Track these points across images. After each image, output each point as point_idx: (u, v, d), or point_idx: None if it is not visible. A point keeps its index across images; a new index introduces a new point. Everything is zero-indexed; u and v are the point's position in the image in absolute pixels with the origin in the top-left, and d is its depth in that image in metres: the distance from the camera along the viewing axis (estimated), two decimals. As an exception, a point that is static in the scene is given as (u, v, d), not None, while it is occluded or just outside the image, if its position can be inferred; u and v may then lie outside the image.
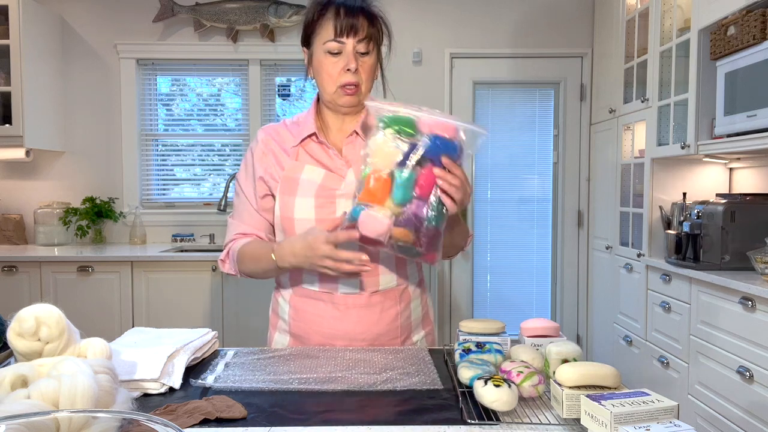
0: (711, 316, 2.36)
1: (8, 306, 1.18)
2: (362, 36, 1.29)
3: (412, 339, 1.43)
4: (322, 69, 1.33)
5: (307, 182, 1.33)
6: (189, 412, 0.90)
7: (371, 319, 1.36)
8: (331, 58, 1.30)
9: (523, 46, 3.85)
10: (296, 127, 1.41)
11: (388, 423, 0.88)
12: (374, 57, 1.34)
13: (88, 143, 3.83)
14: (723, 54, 2.40)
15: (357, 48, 1.29)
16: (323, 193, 1.31)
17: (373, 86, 1.38)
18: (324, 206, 1.31)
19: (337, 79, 1.31)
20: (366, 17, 1.30)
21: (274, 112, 3.92)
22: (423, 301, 1.48)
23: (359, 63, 1.30)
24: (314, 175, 1.33)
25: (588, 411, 0.80)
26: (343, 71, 1.30)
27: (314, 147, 1.37)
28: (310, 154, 1.37)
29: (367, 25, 1.30)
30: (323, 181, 1.32)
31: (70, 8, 3.78)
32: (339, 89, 1.32)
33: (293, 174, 1.35)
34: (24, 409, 0.71)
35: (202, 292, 3.26)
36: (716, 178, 3.01)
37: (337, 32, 1.28)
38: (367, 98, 1.36)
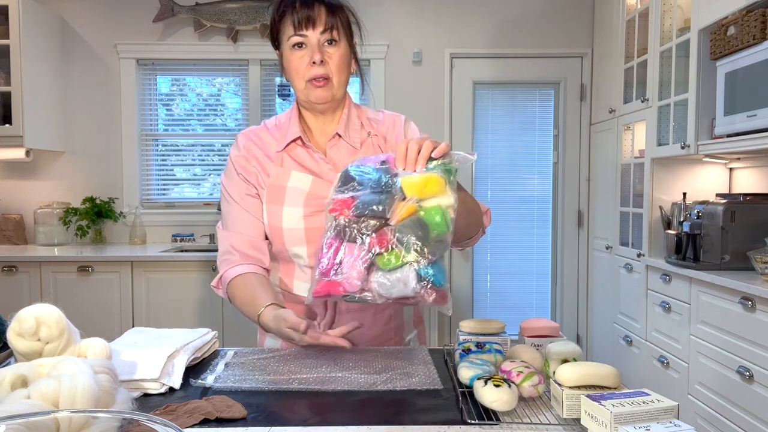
0: (711, 316, 2.36)
1: (8, 306, 1.18)
2: (323, 27, 1.26)
3: (404, 339, 1.42)
4: (290, 66, 1.30)
5: (294, 190, 1.29)
6: (189, 412, 0.90)
7: (365, 323, 1.34)
8: (296, 52, 1.28)
9: (523, 46, 3.85)
10: (278, 130, 1.36)
11: (388, 423, 0.88)
12: (344, 48, 1.30)
13: (88, 143, 3.83)
14: (723, 54, 2.40)
15: (321, 39, 1.27)
16: (312, 202, 1.28)
17: (348, 79, 1.34)
18: (313, 215, 1.28)
19: (305, 73, 1.28)
20: (325, 6, 1.27)
21: (274, 112, 3.92)
22: None
23: (326, 55, 1.27)
24: (301, 182, 1.29)
25: (588, 411, 0.80)
26: (309, 65, 1.27)
27: (299, 151, 1.33)
28: (295, 160, 1.32)
29: (327, 14, 1.27)
30: (311, 188, 1.29)
31: (70, 8, 3.78)
32: (308, 84, 1.28)
33: (279, 182, 1.30)
34: (24, 409, 0.71)
35: (202, 292, 3.26)
36: (716, 178, 3.01)
37: (295, 26, 1.26)
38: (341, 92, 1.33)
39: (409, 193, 0.97)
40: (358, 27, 1.35)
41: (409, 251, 0.95)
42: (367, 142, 1.35)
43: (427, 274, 0.95)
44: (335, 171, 1.30)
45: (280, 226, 1.29)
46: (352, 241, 0.97)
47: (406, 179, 0.98)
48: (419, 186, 0.97)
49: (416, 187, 0.97)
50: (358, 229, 0.97)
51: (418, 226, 0.96)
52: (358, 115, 1.38)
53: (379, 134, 1.37)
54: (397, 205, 0.97)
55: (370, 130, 1.37)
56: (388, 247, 0.95)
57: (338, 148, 1.34)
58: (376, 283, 0.95)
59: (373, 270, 0.96)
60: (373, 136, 1.36)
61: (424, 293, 0.95)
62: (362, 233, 0.97)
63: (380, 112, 1.43)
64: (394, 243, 0.95)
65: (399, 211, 0.96)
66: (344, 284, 0.96)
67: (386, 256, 0.95)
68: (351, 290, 0.96)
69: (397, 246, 0.95)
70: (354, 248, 0.96)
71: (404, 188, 0.97)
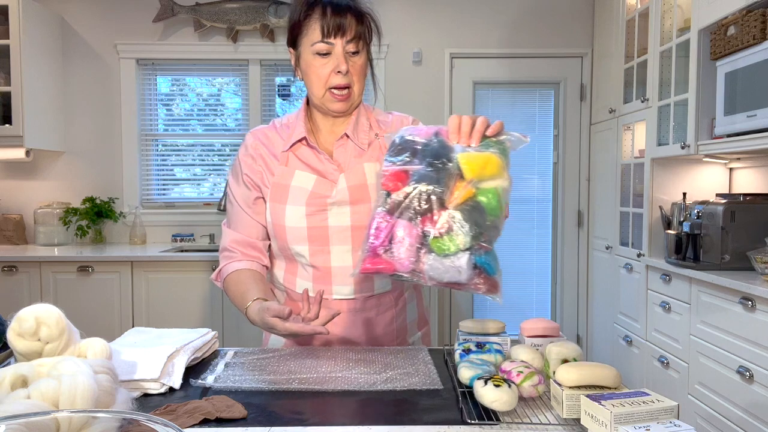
0: (711, 316, 2.36)
1: (8, 306, 1.18)
2: (351, 36, 1.25)
3: (408, 341, 1.42)
4: (310, 71, 1.28)
5: (297, 189, 1.30)
6: (189, 412, 0.90)
7: (366, 323, 1.35)
8: (319, 59, 1.26)
9: (523, 46, 3.85)
10: (286, 129, 1.37)
11: (388, 423, 0.88)
12: (364, 56, 1.30)
13: (88, 143, 3.83)
14: (723, 54, 2.40)
15: (347, 48, 1.25)
16: (314, 201, 1.29)
17: (364, 86, 1.34)
18: (315, 214, 1.29)
19: (327, 81, 1.27)
20: (354, 16, 1.26)
21: (274, 112, 3.92)
22: (419, 303, 1.47)
23: (349, 64, 1.26)
24: (305, 181, 1.30)
25: (588, 411, 0.80)
26: (333, 73, 1.26)
27: (305, 150, 1.34)
28: (300, 159, 1.33)
29: (356, 23, 1.25)
30: (314, 187, 1.29)
31: (70, 8, 3.78)
32: (328, 93, 1.28)
33: (283, 180, 1.31)
34: (24, 409, 0.71)
35: (202, 292, 3.26)
36: (716, 178, 3.01)
37: (324, 33, 1.24)
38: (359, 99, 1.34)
39: (468, 173, 0.91)
40: (378, 35, 1.34)
41: (467, 238, 0.89)
42: (374, 144, 1.35)
43: (482, 263, 0.91)
44: (339, 171, 1.31)
45: (283, 225, 1.30)
46: (405, 219, 0.91)
47: (464, 156, 0.92)
48: (479, 166, 0.91)
49: (476, 167, 0.90)
50: (413, 207, 0.91)
51: (477, 212, 0.90)
52: (367, 116, 1.38)
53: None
54: (455, 186, 0.90)
55: (378, 132, 1.37)
56: (445, 230, 0.89)
57: (345, 148, 1.34)
58: (429, 266, 0.90)
59: (424, 251, 0.90)
60: (380, 137, 1.36)
61: (477, 282, 0.92)
62: (417, 212, 0.90)
63: (389, 114, 1.43)
64: (450, 227, 0.89)
65: (457, 193, 0.90)
66: (395, 263, 0.91)
67: (442, 240, 0.89)
68: (402, 270, 0.91)
69: (454, 231, 0.89)
70: (407, 227, 0.90)
71: (462, 166, 0.91)
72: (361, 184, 1.30)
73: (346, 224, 1.29)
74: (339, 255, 1.31)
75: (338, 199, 1.29)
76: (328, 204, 1.29)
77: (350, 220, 1.29)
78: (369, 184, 1.30)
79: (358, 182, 1.30)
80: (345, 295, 1.33)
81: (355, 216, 1.29)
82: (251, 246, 1.36)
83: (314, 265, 1.32)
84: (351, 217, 1.29)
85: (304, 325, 1.12)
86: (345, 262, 1.31)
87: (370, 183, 1.30)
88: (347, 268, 1.31)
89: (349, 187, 1.29)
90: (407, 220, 0.90)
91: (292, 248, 1.32)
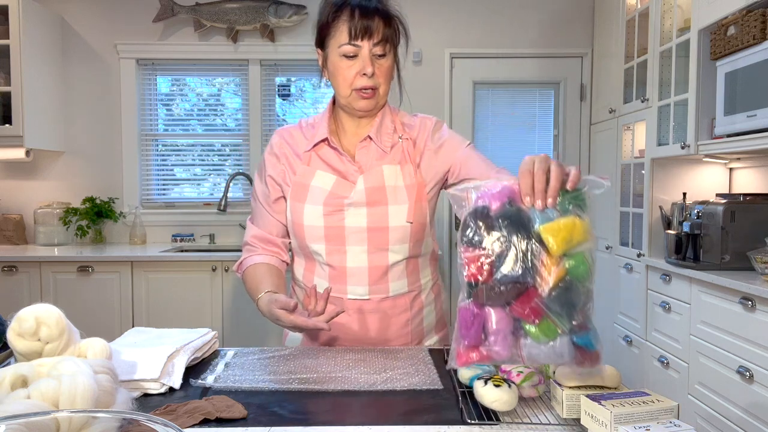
0: (711, 316, 2.36)
1: (8, 306, 1.18)
2: (378, 38, 1.26)
3: (423, 345, 1.42)
4: (337, 72, 1.29)
5: (316, 189, 1.32)
6: (189, 412, 0.90)
7: (381, 325, 1.35)
8: (346, 61, 1.27)
9: (523, 46, 3.85)
10: (311, 129, 1.39)
11: (388, 423, 0.88)
12: (391, 59, 1.31)
13: (88, 143, 3.83)
14: (723, 54, 2.40)
15: (373, 51, 1.26)
16: (332, 201, 1.30)
17: (390, 88, 1.35)
18: (332, 214, 1.30)
19: (353, 82, 1.28)
20: (382, 18, 1.26)
21: (274, 112, 3.92)
22: (437, 307, 1.46)
23: (376, 66, 1.27)
24: (324, 181, 1.32)
25: (588, 411, 0.80)
26: (359, 75, 1.27)
27: (327, 151, 1.36)
28: (322, 159, 1.35)
29: (383, 26, 1.26)
30: (333, 188, 1.31)
31: (70, 8, 3.78)
32: (354, 92, 1.29)
33: (304, 180, 1.34)
34: (24, 409, 0.71)
35: (202, 292, 3.26)
36: (716, 178, 3.01)
37: (352, 35, 1.25)
38: (384, 100, 1.35)
39: (555, 249, 0.82)
40: (406, 37, 1.35)
41: (563, 322, 0.83)
42: (397, 146, 1.36)
43: (583, 342, 0.84)
44: (360, 172, 1.32)
45: (302, 223, 1.33)
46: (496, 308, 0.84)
47: (547, 229, 0.83)
48: (565, 239, 0.83)
49: (562, 241, 0.82)
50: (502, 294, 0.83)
51: (571, 292, 0.83)
52: (392, 119, 1.39)
53: (409, 138, 1.38)
54: (542, 265, 0.82)
55: (402, 134, 1.37)
56: (540, 319, 0.82)
57: (368, 150, 1.35)
58: (528, 353, 0.84)
59: (521, 337, 0.84)
60: (404, 140, 1.37)
61: (578, 359, 0.85)
62: (507, 300, 0.83)
63: (415, 116, 1.43)
64: (545, 314, 0.82)
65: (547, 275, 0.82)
66: (492, 355, 0.84)
67: (538, 328, 0.83)
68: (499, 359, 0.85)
69: (550, 317, 0.82)
70: (499, 317, 0.83)
71: (547, 240, 0.83)
72: (378, 187, 1.30)
73: (362, 225, 1.30)
74: (355, 255, 1.32)
75: (355, 200, 1.30)
76: (345, 205, 1.30)
77: (366, 222, 1.30)
78: (387, 186, 1.31)
79: (375, 184, 1.30)
80: (360, 295, 1.34)
81: (372, 218, 1.30)
82: (270, 242, 1.41)
83: (330, 264, 1.33)
84: (367, 219, 1.30)
85: (307, 319, 1.15)
86: (360, 262, 1.32)
87: (388, 185, 1.31)
88: (362, 269, 1.32)
89: (366, 189, 1.30)
90: (498, 309, 0.83)
91: (310, 246, 1.34)
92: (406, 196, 1.31)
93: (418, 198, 1.32)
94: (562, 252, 0.82)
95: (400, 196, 1.31)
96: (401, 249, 1.33)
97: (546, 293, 0.82)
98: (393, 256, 1.33)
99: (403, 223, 1.31)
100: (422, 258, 1.39)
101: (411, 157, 1.35)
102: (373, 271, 1.32)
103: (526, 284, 0.82)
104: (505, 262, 0.82)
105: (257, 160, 3.86)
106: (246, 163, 3.90)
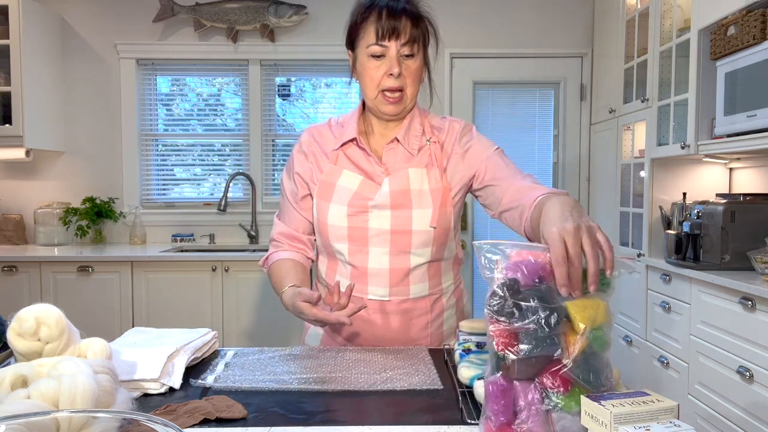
0: (711, 316, 2.36)
1: (8, 306, 1.18)
2: (405, 39, 1.25)
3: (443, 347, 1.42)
4: (364, 73, 1.30)
5: (342, 189, 1.32)
6: (189, 412, 0.90)
7: (400, 327, 1.36)
8: (374, 61, 1.27)
9: (523, 46, 3.85)
10: (340, 128, 1.39)
11: (388, 423, 0.88)
12: (420, 60, 1.30)
13: (88, 143, 3.83)
14: (723, 54, 2.40)
15: (401, 51, 1.26)
16: (356, 202, 1.30)
17: (419, 89, 1.34)
18: (356, 215, 1.30)
19: (380, 83, 1.28)
20: (410, 19, 1.26)
21: (274, 112, 3.92)
22: (458, 310, 1.46)
23: (403, 67, 1.27)
24: (351, 181, 1.32)
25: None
26: (386, 76, 1.27)
27: (355, 151, 1.35)
28: (349, 159, 1.35)
29: (411, 27, 1.26)
30: (358, 188, 1.31)
31: (70, 8, 3.78)
32: (380, 95, 1.29)
33: (330, 179, 1.34)
34: (24, 409, 0.71)
35: (202, 292, 3.26)
36: (716, 178, 3.01)
37: (379, 36, 1.25)
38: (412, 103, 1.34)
39: (581, 325, 0.83)
40: (436, 39, 1.35)
41: (592, 389, 0.83)
42: (424, 149, 1.36)
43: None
44: (386, 174, 1.32)
45: (326, 222, 1.34)
46: (524, 382, 0.83)
47: (574, 306, 0.84)
48: (590, 317, 0.84)
49: (587, 319, 0.84)
50: (531, 367, 0.83)
51: (594, 359, 0.84)
52: (421, 121, 1.38)
53: (438, 141, 1.37)
54: (567, 339, 0.83)
55: (430, 137, 1.37)
56: (568, 388, 0.82)
57: (395, 152, 1.35)
58: (561, 426, 0.83)
59: (551, 409, 0.83)
60: (432, 143, 1.36)
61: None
62: (535, 373, 0.83)
63: (444, 119, 1.43)
64: (573, 383, 0.82)
65: (572, 347, 0.82)
66: (526, 430, 0.83)
67: (568, 398, 0.82)
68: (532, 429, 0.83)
69: (579, 384, 0.82)
70: (528, 391, 0.83)
71: (574, 317, 0.83)
72: (403, 190, 1.30)
73: (386, 228, 1.30)
74: (376, 257, 1.32)
75: (379, 202, 1.30)
76: (369, 206, 1.30)
77: (390, 224, 1.30)
78: (412, 190, 1.30)
79: (400, 187, 1.30)
80: (380, 296, 1.34)
81: (395, 220, 1.30)
82: (296, 239, 1.43)
83: (352, 264, 1.34)
84: (391, 221, 1.30)
85: (329, 313, 1.16)
86: (382, 264, 1.32)
87: (413, 189, 1.31)
88: (383, 270, 1.33)
89: (391, 192, 1.30)
90: (526, 382, 0.83)
91: (333, 245, 1.35)
92: (431, 200, 1.31)
93: (442, 202, 1.32)
94: (588, 328, 0.83)
95: (425, 200, 1.31)
96: (423, 252, 1.33)
97: (570, 363, 0.82)
98: (415, 259, 1.33)
99: (427, 227, 1.31)
100: (445, 262, 1.39)
101: (438, 161, 1.35)
102: (394, 273, 1.33)
103: (552, 357, 0.82)
104: (534, 335, 0.82)
105: (257, 160, 3.86)
106: (246, 163, 3.90)
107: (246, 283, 3.26)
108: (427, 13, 1.32)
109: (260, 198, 3.87)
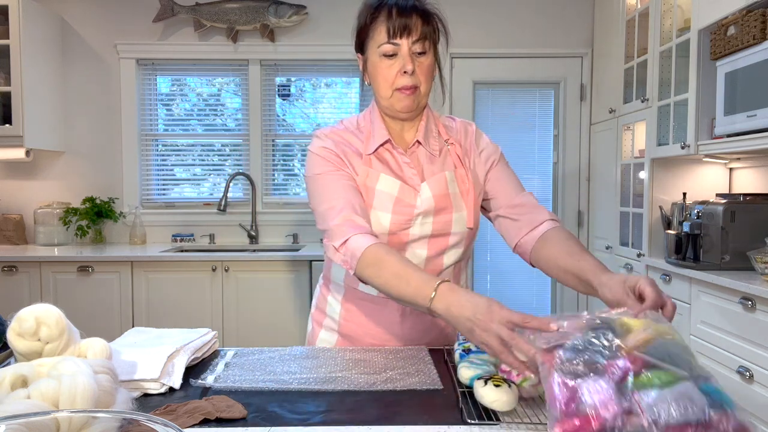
0: (711, 316, 2.36)
1: (8, 306, 1.18)
2: (417, 36, 1.24)
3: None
4: (377, 73, 1.28)
5: (383, 194, 1.28)
6: (189, 412, 0.90)
7: (425, 325, 1.36)
8: (386, 61, 1.26)
9: (523, 46, 3.85)
10: (360, 132, 1.34)
11: (388, 423, 0.88)
12: (431, 57, 1.29)
13: (88, 143, 3.83)
14: (723, 54, 2.40)
15: (413, 49, 1.25)
16: (400, 209, 1.27)
17: (432, 87, 1.33)
18: (399, 222, 1.28)
19: (394, 82, 1.27)
20: (420, 16, 1.25)
21: (274, 112, 3.92)
22: None
23: (416, 64, 1.26)
24: (390, 186, 1.28)
25: None
26: (399, 74, 1.26)
27: (385, 154, 1.32)
28: (382, 162, 1.31)
29: (422, 24, 1.25)
30: (399, 193, 1.28)
31: (70, 8, 3.78)
32: (395, 92, 1.28)
33: (369, 183, 1.29)
34: (24, 409, 0.71)
35: (202, 292, 3.26)
36: (716, 178, 3.01)
37: (390, 34, 1.24)
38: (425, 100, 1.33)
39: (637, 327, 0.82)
40: (446, 36, 1.33)
41: (678, 366, 0.75)
42: (444, 151, 1.35)
43: (710, 390, 0.75)
44: (418, 177, 1.30)
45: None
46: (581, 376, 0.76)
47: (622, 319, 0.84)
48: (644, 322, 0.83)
49: (640, 323, 0.83)
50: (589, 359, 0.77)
51: (672, 345, 0.79)
52: (435, 122, 1.38)
53: (455, 142, 1.37)
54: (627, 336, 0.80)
55: (448, 138, 1.37)
56: (643, 366, 0.75)
57: (418, 154, 1.34)
58: (648, 404, 0.71)
59: (627, 392, 0.73)
60: (450, 144, 1.36)
61: (723, 420, 0.75)
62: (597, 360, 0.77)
63: (453, 120, 1.43)
64: (649, 364, 0.75)
65: (636, 336, 0.79)
66: (594, 416, 0.72)
67: (647, 374, 0.74)
68: (606, 415, 0.72)
69: (658, 363, 0.75)
70: (590, 380, 0.75)
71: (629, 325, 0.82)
72: (444, 194, 1.30)
73: (427, 233, 1.29)
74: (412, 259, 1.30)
75: (424, 209, 1.28)
76: (415, 215, 1.28)
77: (431, 230, 1.29)
78: (451, 194, 1.30)
79: (441, 191, 1.30)
80: None
81: (437, 225, 1.30)
82: (360, 227, 1.21)
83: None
84: (433, 227, 1.29)
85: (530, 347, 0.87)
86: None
87: (451, 192, 1.30)
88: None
89: (435, 197, 1.29)
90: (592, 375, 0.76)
91: None
92: (463, 202, 1.31)
93: (474, 203, 1.33)
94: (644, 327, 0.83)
95: (459, 202, 1.31)
96: (455, 253, 1.33)
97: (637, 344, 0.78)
98: (447, 261, 1.33)
99: (464, 228, 1.31)
100: (463, 262, 1.40)
101: (462, 162, 1.35)
102: None
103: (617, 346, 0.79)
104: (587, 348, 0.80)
105: (257, 160, 3.86)
106: (246, 163, 3.90)
107: (246, 283, 3.26)
108: (436, 10, 1.30)
109: (260, 198, 3.86)
